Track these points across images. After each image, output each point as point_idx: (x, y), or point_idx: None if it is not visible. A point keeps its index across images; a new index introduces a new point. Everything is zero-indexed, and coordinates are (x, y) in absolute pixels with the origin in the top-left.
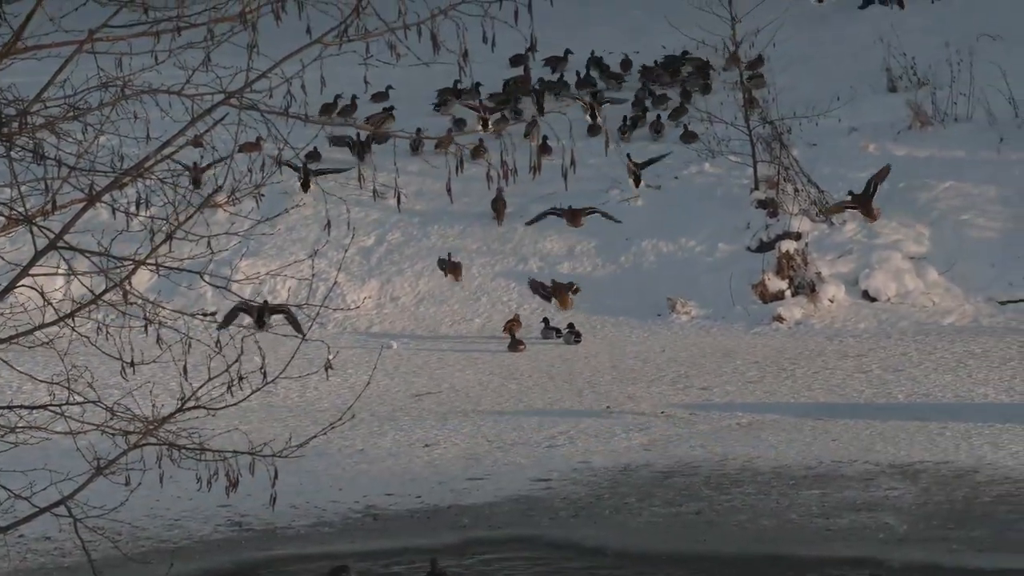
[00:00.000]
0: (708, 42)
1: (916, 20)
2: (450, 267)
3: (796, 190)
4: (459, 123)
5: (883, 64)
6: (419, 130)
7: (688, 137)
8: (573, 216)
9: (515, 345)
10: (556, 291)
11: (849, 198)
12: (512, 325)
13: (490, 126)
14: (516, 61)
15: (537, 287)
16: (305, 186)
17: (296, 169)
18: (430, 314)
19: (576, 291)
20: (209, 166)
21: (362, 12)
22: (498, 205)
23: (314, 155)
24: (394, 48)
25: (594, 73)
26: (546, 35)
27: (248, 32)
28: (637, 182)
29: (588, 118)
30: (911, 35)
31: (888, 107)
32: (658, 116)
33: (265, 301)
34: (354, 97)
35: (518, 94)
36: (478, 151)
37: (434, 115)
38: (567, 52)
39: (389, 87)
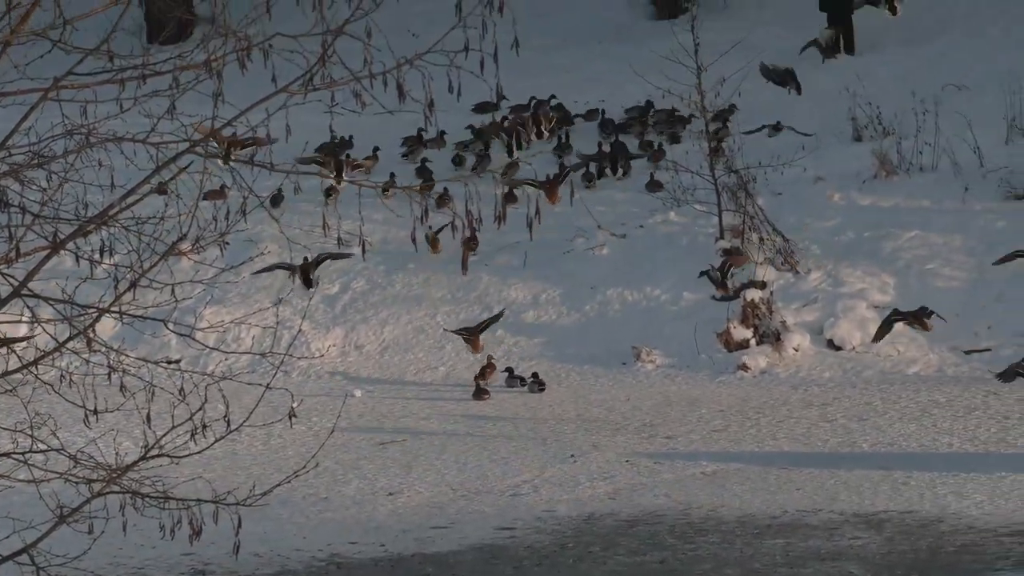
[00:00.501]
0: (674, 91)
1: (882, 70)
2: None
3: (761, 239)
4: (424, 171)
5: (849, 114)
6: (393, 175)
7: (653, 186)
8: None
9: (480, 394)
10: (469, 334)
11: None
12: (487, 371)
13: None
14: (481, 109)
15: (461, 332)
16: (307, 282)
17: (292, 269)
18: (395, 362)
19: (498, 317)
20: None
21: (327, 61)
22: (464, 254)
23: (277, 198)
24: (360, 97)
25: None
26: (512, 84)
27: (213, 80)
28: None
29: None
30: (877, 85)
31: (853, 156)
32: (627, 158)
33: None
34: (343, 138)
35: (487, 138)
36: (443, 200)
37: (402, 162)
38: (532, 100)
39: (351, 137)
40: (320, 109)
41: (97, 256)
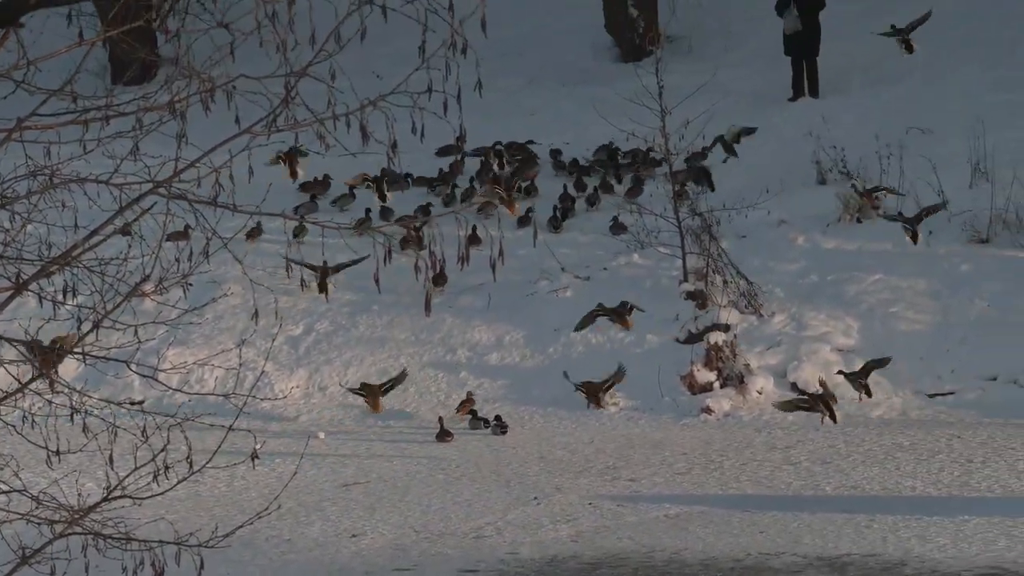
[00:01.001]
0: (638, 134)
1: (846, 113)
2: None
3: (725, 282)
4: (387, 211)
5: (813, 157)
6: (368, 212)
7: (618, 228)
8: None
9: (443, 435)
10: (368, 393)
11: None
12: (465, 405)
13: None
14: (444, 152)
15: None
16: (323, 287)
17: (314, 269)
18: (358, 403)
19: (400, 379)
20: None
21: (291, 102)
22: (427, 296)
23: (256, 230)
24: (323, 138)
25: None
26: (476, 126)
27: (177, 121)
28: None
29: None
30: (841, 128)
31: (818, 200)
32: (595, 190)
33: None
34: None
35: (453, 180)
36: (407, 241)
37: (369, 202)
38: (496, 144)
39: (315, 178)
40: (284, 150)
41: (60, 297)
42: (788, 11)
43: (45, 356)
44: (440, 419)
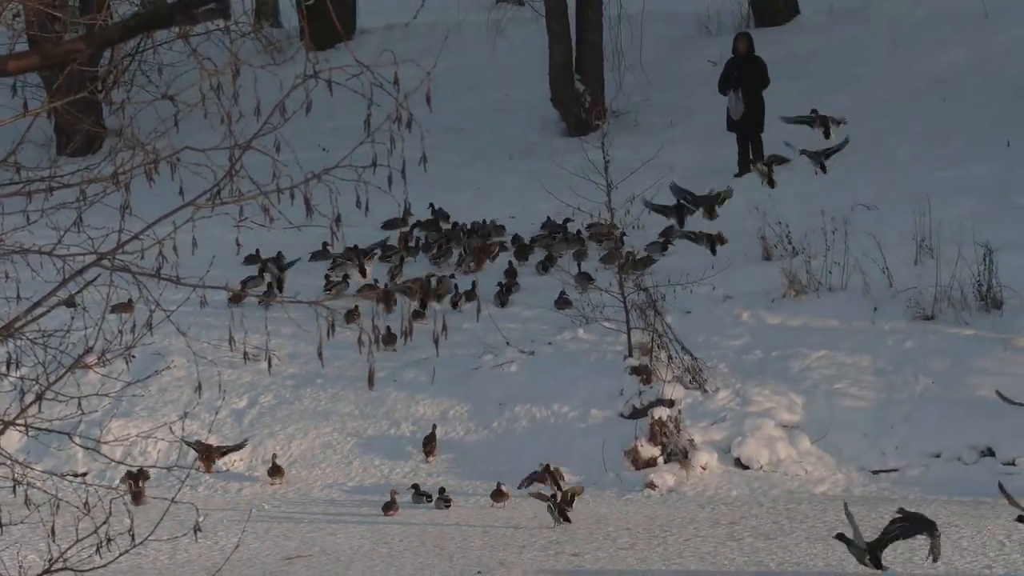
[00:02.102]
0: (584, 208)
1: (791, 189)
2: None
3: (670, 357)
4: (345, 279)
5: (758, 232)
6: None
7: (562, 303)
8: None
9: (388, 508)
10: (204, 452)
11: None
12: (431, 442)
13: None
14: (390, 225)
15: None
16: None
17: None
18: (302, 477)
19: (240, 446)
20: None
21: (235, 174)
22: (370, 370)
23: (239, 296)
24: (267, 211)
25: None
26: (421, 199)
27: (121, 193)
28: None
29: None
30: (786, 204)
31: (763, 275)
32: (545, 261)
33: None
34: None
35: (400, 255)
36: (352, 315)
37: (309, 277)
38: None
39: (258, 251)
40: (228, 223)
41: (3, 369)
42: (734, 96)
43: None
44: (392, 493)
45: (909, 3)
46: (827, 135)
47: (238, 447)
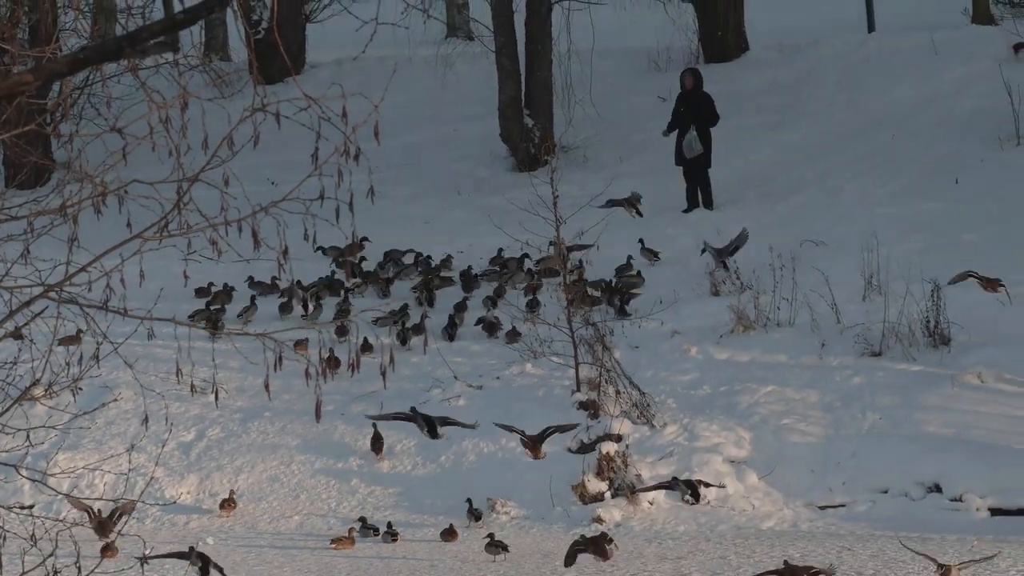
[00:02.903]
0: (532, 243)
1: (740, 225)
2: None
3: (617, 392)
4: (286, 307)
5: (706, 268)
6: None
7: (511, 337)
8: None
9: (337, 542)
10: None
11: None
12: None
13: (310, 307)
14: (338, 261)
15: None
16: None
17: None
18: (249, 510)
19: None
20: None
21: (183, 207)
22: (317, 404)
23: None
24: (215, 244)
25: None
26: (368, 233)
27: (69, 225)
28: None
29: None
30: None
31: (711, 311)
32: (491, 308)
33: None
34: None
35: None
36: (301, 345)
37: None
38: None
39: (210, 283)
40: (176, 255)
41: None
42: (687, 137)
43: None
44: (351, 530)
45: (859, 40)
46: (639, 214)
47: (126, 509)
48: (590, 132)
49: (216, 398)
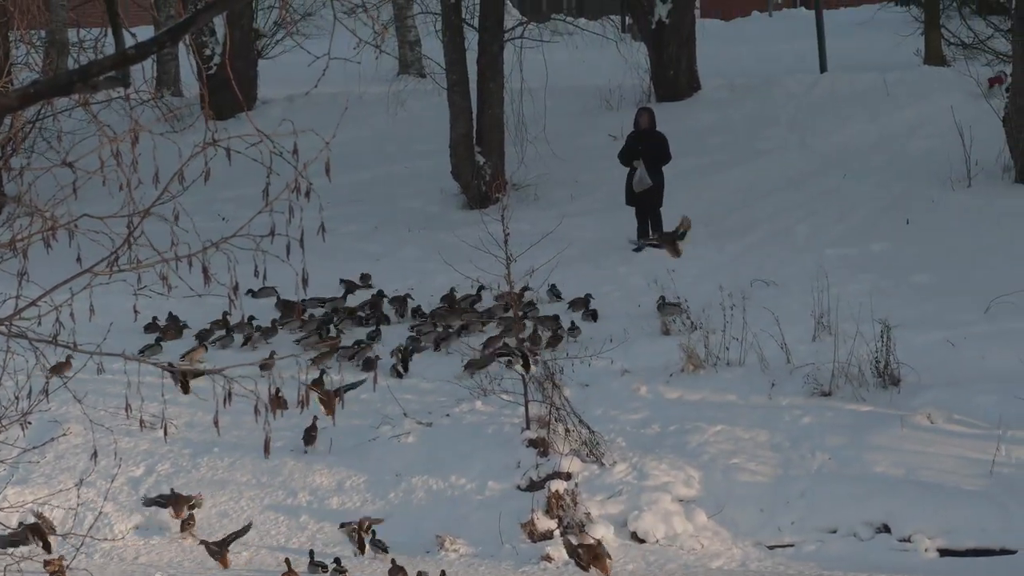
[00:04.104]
0: (483, 281)
1: (690, 264)
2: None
3: (567, 430)
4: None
5: (656, 303)
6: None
7: (465, 371)
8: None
9: None
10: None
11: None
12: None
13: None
14: (286, 309)
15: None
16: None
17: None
18: (197, 546)
19: (244, 531)
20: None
21: (134, 242)
22: (266, 440)
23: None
24: (165, 279)
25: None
26: (319, 269)
27: (18, 259)
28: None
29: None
30: (685, 279)
31: (661, 350)
32: (437, 343)
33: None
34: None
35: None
36: (266, 365)
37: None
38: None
39: (155, 318)
40: (126, 290)
41: None
42: (636, 170)
43: None
44: (287, 560)
45: (811, 80)
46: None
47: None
48: (542, 170)
49: (165, 433)
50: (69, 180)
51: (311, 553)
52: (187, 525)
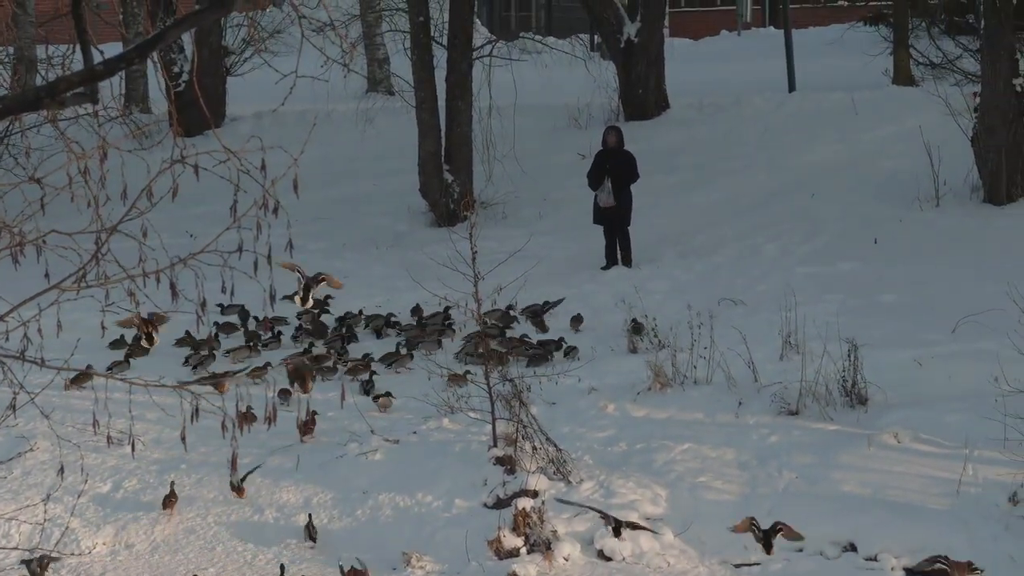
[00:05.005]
0: (450, 299)
1: (658, 283)
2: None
3: (534, 448)
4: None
5: (624, 325)
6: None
7: (455, 379)
8: None
9: None
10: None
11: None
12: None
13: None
14: (244, 317)
15: None
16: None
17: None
18: (164, 562)
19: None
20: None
21: (101, 258)
22: (233, 456)
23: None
24: (133, 295)
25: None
26: (288, 287)
27: None
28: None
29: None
30: (653, 297)
31: (628, 368)
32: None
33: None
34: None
35: (260, 344)
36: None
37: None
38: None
39: (122, 335)
40: (94, 307)
41: None
42: (603, 187)
43: None
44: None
45: (779, 99)
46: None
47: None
48: (510, 188)
49: (133, 449)
50: (37, 196)
51: (281, 566)
52: (169, 502)
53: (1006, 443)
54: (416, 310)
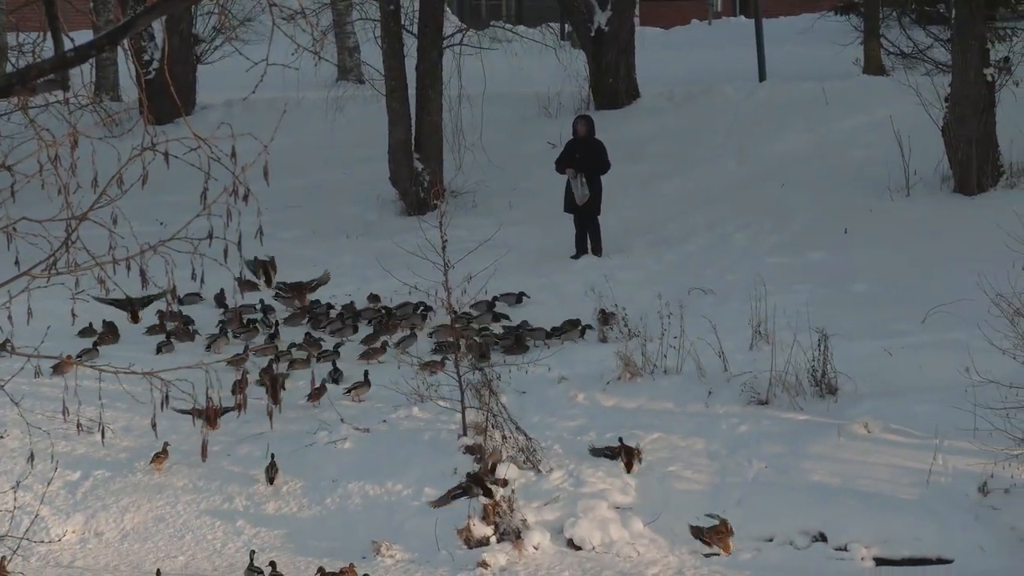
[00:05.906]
0: (420, 287)
1: (628, 272)
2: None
3: (504, 437)
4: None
5: (594, 315)
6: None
7: (431, 365)
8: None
9: None
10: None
11: None
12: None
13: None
14: (220, 300)
15: None
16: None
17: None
18: (134, 550)
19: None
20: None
21: (71, 246)
22: (203, 445)
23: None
24: (103, 283)
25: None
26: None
27: None
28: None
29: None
30: (623, 287)
31: (598, 357)
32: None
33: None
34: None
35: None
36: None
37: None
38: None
39: (91, 324)
40: (64, 294)
41: None
42: (576, 180)
43: None
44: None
45: (750, 88)
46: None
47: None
48: (480, 177)
49: (103, 437)
50: (7, 183)
51: (252, 553)
52: (159, 458)
53: (976, 433)
54: (373, 298)
